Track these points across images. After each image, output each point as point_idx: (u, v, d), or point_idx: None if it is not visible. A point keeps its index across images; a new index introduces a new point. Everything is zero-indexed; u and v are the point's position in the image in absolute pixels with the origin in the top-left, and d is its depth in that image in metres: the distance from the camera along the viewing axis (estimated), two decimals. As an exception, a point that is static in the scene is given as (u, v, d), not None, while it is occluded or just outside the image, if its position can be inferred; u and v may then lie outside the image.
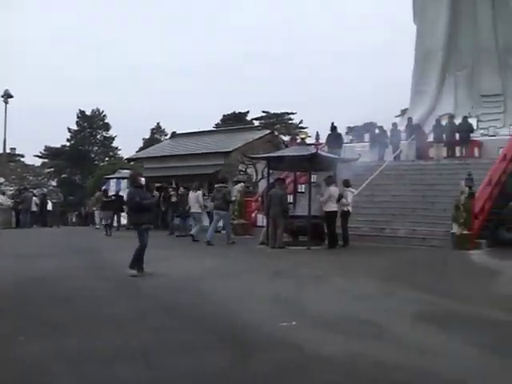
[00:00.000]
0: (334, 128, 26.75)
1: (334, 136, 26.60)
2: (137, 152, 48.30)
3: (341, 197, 17.35)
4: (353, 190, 18.32)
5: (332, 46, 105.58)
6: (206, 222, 21.48)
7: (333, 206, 17.26)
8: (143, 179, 12.40)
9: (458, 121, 25.39)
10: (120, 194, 28.97)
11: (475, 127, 27.26)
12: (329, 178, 17.95)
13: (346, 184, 18.02)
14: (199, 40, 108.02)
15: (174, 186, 26.88)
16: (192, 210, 21.32)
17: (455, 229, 16.93)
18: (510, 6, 31.19)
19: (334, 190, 17.38)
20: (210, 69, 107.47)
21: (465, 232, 16.78)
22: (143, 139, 68.90)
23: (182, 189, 24.31)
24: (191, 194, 21.51)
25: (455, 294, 9.69)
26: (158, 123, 71.69)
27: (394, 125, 26.89)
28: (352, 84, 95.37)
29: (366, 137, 28.65)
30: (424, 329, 7.34)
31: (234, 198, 21.53)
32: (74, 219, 42.88)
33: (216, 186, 21.07)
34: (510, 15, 31.32)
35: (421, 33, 34.72)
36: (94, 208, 29.99)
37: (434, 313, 8.27)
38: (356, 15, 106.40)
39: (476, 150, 25.87)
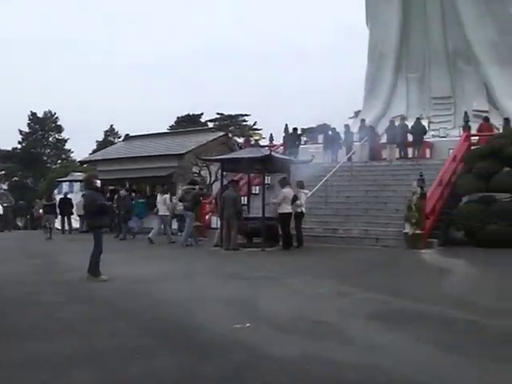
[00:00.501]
0: (294, 129, 27.01)
1: (294, 137, 26.85)
2: (90, 154, 47.68)
3: (295, 198, 17.40)
4: (306, 191, 18.40)
5: (287, 46, 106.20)
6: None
7: (287, 208, 17.30)
8: (99, 181, 12.19)
9: (409, 123, 25.68)
10: (68, 196, 28.64)
11: (427, 128, 27.70)
12: (283, 180, 18.01)
13: (300, 185, 18.08)
14: (152, 40, 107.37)
15: (125, 188, 26.77)
16: (160, 213, 21.48)
17: (407, 228, 17.14)
18: (459, 11, 31.81)
19: (287, 192, 17.42)
20: (164, 70, 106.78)
21: (417, 232, 16.99)
22: (96, 141, 68.08)
23: (123, 191, 24.20)
24: (159, 197, 21.80)
25: (407, 293, 9.79)
26: (111, 125, 70.94)
27: (347, 126, 27.10)
28: (306, 85, 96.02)
29: (320, 138, 28.88)
30: (376, 328, 7.38)
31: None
32: (22, 223, 42.19)
33: (184, 187, 21.33)
34: (458, 20, 31.95)
35: (373, 35, 35.18)
36: (41, 211, 29.50)
37: (386, 312, 8.33)
38: (310, 15, 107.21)
39: (428, 151, 26.29)
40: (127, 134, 40.15)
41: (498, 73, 31.21)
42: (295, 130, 27.29)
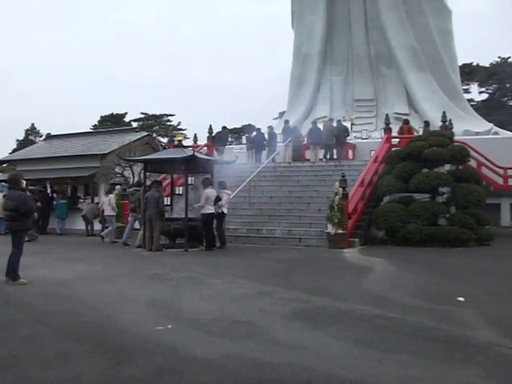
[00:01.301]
0: (223, 127, 27.01)
1: (223, 134, 26.87)
2: (10, 154, 46.41)
3: (218, 199, 17.39)
4: (228, 191, 18.41)
5: (210, 48, 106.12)
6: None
7: (210, 209, 17.27)
8: (24, 181, 11.80)
9: (333, 124, 26.04)
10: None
11: (349, 130, 28.23)
12: (205, 180, 17.96)
13: (222, 186, 18.07)
14: (75, 38, 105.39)
15: (41, 189, 26.47)
16: (105, 214, 21.62)
17: (330, 228, 17.40)
18: (381, 17, 32.60)
19: (210, 192, 17.38)
20: (88, 68, 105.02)
21: (339, 231, 17.26)
22: (17, 141, 66.36)
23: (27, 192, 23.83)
24: (104, 197, 22.07)
25: (329, 292, 9.93)
26: (32, 124, 69.35)
27: (270, 127, 27.25)
28: (231, 86, 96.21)
29: (244, 139, 29.00)
30: (299, 327, 7.44)
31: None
32: None
33: (129, 190, 21.60)
34: (380, 25, 32.76)
35: (298, 37, 35.68)
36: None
37: (308, 311, 8.41)
38: (233, 17, 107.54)
39: (350, 152, 26.78)
40: (49, 134, 39.24)
41: (418, 78, 32.27)
42: (224, 128, 27.29)
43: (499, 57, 57.68)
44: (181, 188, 20.61)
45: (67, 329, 7.46)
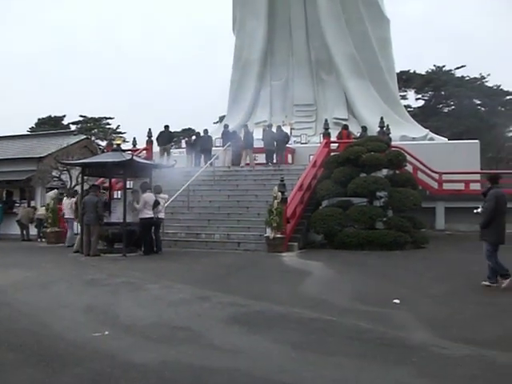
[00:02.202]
0: (166, 126, 26.77)
1: (166, 134, 26.68)
2: None
3: (157, 203, 17.25)
4: (165, 196, 18.29)
5: (150, 52, 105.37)
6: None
7: (148, 213, 17.10)
8: None
9: (273, 130, 26.10)
10: None
11: (289, 136, 28.40)
12: (144, 184, 17.79)
13: (157, 190, 17.93)
14: (10, 37, 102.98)
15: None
16: (66, 216, 21.28)
17: (268, 232, 17.45)
18: (321, 24, 32.99)
19: (148, 197, 17.22)
20: (25, 68, 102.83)
21: (278, 235, 17.33)
22: None
23: None
24: (65, 201, 21.55)
25: (267, 296, 9.97)
26: (-34, 125, 67.42)
27: (205, 131, 27.10)
28: (172, 90, 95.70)
29: (184, 143, 28.86)
30: (237, 331, 7.46)
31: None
32: None
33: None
34: (321, 32, 33.14)
35: (239, 43, 35.72)
36: None
37: (247, 315, 8.44)
38: (174, 21, 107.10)
39: (289, 157, 26.94)
40: (-18, 135, 38.28)
41: (357, 84, 32.76)
42: (167, 127, 27.03)
43: (434, 65, 59.04)
44: (119, 192, 20.34)
45: (0, 337, 7.28)
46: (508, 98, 56.05)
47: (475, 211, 11.40)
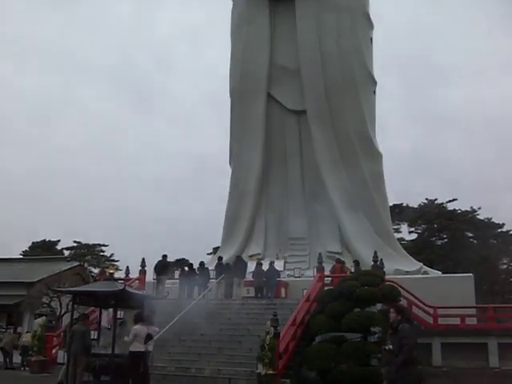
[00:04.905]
0: (164, 256, 26.79)
1: (164, 263, 26.62)
2: None
3: (150, 337, 16.57)
4: (155, 328, 17.68)
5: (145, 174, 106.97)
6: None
7: (138, 347, 16.39)
8: None
9: (265, 263, 26.18)
10: None
11: (282, 268, 28.47)
12: (137, 315, 17.40)
13: (150, 322, 17.43)
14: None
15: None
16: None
17: (260, 369, 17.03)
18: (316, 157, 33.71)
19: (139, 329, 16.62)
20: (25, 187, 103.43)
21: (269, 372, 16.91)
22: None
23: None
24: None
25: None
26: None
27: (202, 263, 27.13)
28: (167, 218, 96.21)
29: (177, 273, 28.73)
30: None
31: None
32: None
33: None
34: (315, 164, 33.78)
35: (235, 174, 36.29)
36: None
37: None
38: (170, 144, 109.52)
39: (283, 291, 26.77)
40: (-26, 258, 38.14)
41: (350, 217, 33.00)
42: (165, 256, 27.00)
43: (426, 198, 60.10)
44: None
45: None
46: (499, 230, 56.73)
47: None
